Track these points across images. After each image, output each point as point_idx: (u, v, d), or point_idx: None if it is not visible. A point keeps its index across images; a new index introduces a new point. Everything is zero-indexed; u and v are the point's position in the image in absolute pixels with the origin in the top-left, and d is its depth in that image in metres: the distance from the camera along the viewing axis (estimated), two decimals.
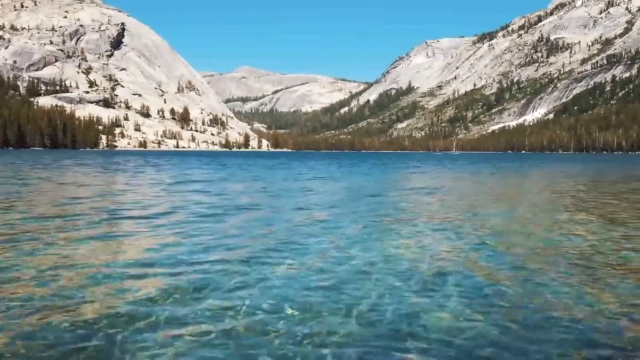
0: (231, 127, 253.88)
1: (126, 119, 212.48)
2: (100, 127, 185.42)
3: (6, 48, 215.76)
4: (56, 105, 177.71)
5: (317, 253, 7.02)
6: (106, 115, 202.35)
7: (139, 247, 7.37)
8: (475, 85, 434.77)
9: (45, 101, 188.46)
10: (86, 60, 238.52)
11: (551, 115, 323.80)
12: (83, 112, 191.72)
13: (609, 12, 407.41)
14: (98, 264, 6.23)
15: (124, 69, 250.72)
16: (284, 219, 10.45)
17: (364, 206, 13.10)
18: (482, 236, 8.57)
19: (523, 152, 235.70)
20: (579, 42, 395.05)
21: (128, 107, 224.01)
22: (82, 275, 5.70)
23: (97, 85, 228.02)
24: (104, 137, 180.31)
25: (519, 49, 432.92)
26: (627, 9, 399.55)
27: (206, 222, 9.78)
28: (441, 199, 15.78)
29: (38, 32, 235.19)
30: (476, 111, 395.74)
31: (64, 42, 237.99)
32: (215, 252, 7.03)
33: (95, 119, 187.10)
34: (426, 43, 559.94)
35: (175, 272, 5.86)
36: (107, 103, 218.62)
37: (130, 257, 6.65)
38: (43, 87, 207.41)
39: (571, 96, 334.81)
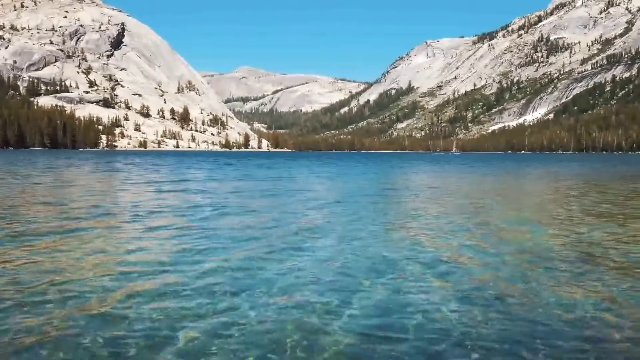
0: (231, 127, 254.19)
1: (126, 119, 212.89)
2: (100, 127, 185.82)
3: (6, 48, 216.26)
4: (56, 105, 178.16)
5: (256, 249, 7.44)
6: (106, 115, 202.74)
7: (98, 242, 7.77)
8: (475, 85, 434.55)
9: (45, 101, 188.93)
10: (86, 60, 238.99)
11: (551, 115, 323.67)
12: (83, 112, 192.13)
13: (609, 12, 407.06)
14: (53, 257, 6.63)
15: (124, 69, 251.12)
16: (252, 216, 10.86)
17: (335, 205, 13.50)
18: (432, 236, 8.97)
19: (523, 152, 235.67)
20: (579, 42, 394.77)
21: (128, 107, 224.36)
22: (36, 267, 6.11)
23: (97, 85, 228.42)
24: (104, 137, 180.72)
25: (519, 49, 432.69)
26: (627, 9, 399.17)
27: (174, 219, 10.18)
28: (414, 198, 16.16)
29: (38, 32, 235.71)
30: (476, 111, 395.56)
31: (64, 42, 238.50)
32: (170, 245, 7.43)
33: (95, 119, 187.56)
34: (426, 43, 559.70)
35: (128, 261, 6.27)
36: (107, 103, 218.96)
37: (84, 251, 7.05)
38: (43, 87, 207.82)
39: (571, 96, 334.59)
